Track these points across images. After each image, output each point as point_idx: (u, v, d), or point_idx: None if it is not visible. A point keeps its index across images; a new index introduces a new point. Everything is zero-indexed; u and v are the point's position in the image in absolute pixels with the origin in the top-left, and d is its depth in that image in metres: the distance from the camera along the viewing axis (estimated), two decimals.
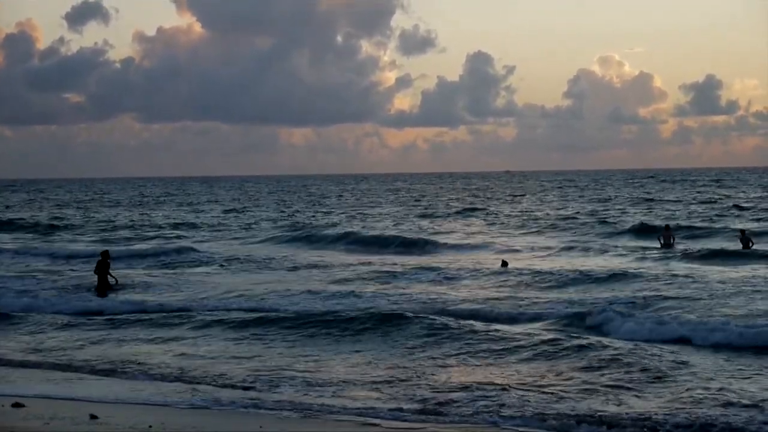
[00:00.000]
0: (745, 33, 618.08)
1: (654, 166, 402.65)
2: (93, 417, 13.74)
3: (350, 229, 55.86)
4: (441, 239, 49.08)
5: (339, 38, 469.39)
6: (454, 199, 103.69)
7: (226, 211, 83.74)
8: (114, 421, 13.61)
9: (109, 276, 29.63)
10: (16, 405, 14.44)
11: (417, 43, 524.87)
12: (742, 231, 42.07)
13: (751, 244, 39.40)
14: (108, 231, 60.49)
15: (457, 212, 75.57)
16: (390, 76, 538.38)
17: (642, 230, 50.50)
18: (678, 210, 70.18)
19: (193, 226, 64.13)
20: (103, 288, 29.29)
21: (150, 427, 13.22)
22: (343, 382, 16.46)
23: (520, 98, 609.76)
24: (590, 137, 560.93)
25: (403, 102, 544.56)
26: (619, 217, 63.68)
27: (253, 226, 63.73)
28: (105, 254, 30.33)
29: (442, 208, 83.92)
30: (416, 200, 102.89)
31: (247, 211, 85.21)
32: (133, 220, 71.71)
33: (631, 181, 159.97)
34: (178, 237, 54.30)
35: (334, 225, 61.75)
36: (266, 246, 48.71)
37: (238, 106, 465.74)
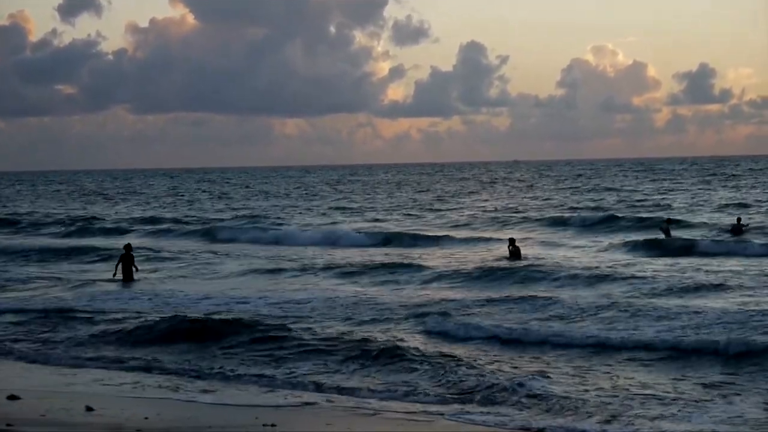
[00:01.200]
0: (738, 22, 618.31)
1: (648, 155, 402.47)
2: (89, 409, 13.75)
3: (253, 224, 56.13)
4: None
5: (332, 29, 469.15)
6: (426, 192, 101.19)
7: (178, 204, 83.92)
8: (110, 413, 13.62)
9: (133, 268, 30.62)
10: (12, 397, 14.44)
11: (410, 34, 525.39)
12: (739, 219, 42.16)
13: (744, 229, 39.70)
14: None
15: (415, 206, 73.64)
16: (383, 67, 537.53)
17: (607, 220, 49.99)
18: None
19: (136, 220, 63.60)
20: (128, 278, 30.32)
21: (146, 418, 13.24)
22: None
23: (513, 88, 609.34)
24: (584, 126, 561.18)
25: (397, 92, 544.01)
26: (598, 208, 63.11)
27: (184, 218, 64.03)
28: (128, 247, 31.32)
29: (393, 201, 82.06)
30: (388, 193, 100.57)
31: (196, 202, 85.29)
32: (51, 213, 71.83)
33: (631, 171, 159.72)
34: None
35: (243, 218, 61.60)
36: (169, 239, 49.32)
37: (231, 97, 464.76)
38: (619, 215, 52.12)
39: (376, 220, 58.62)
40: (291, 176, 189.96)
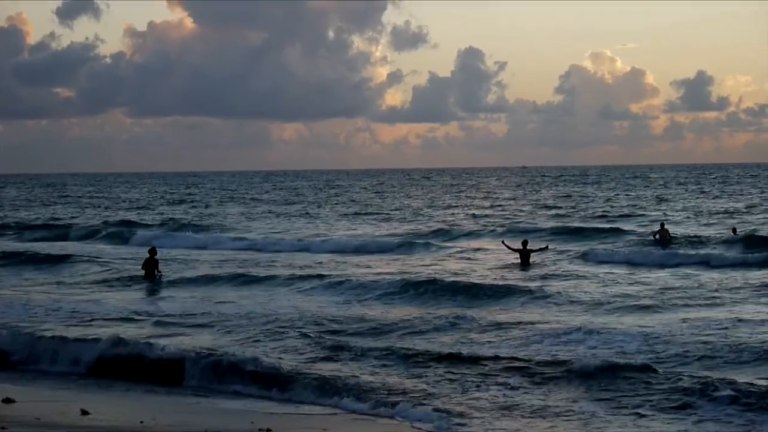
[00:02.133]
0: (736, 30, 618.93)
1: (646, 162, 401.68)
2: (84, 413, 13.71)
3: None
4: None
5: (330, 34, 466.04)
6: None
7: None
8: (105, 417, 13.59)
9: (156, 271, 30.67)
10: (7, 401, 14.40)
11: (408, 39, 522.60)
12: (734, 229, 42.21)
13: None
14: None
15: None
16: (381, 72, 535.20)
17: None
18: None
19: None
20: (149, 276, 30.49)
21: (141, 422, 13.19)
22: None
23: (511, 94, 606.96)
24: (582, 133, 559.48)
25: (395, 98, 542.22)
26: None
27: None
28: (152, 251, 31.46)
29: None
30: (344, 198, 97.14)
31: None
32: None
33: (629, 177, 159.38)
34: None
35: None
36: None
37: (229, 101, 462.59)
38: (576, 225, 51.19)
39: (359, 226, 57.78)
40: (276, 181, 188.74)
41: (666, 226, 41.22)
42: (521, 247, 33.30)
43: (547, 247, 35.19)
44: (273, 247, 44.60)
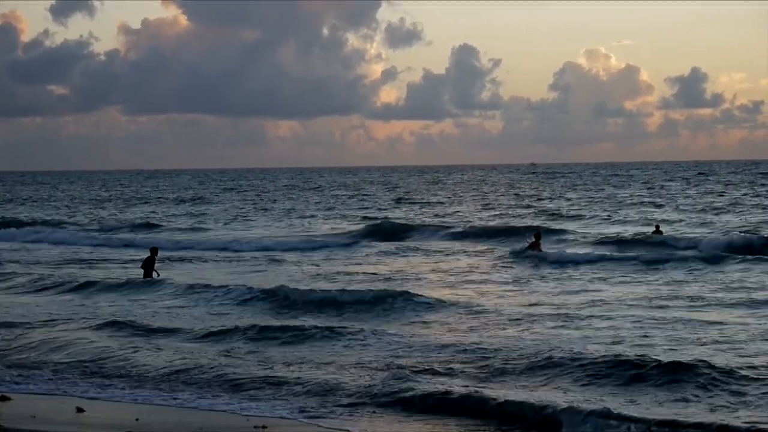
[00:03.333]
0: (730, 27, 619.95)
1: (640, 159, 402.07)
2: (79, 410, 13.75)
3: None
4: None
5: (325, 31, 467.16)
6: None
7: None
8: (100, 415, 13.62)
9: (154, 272, 30.47)
10: (2, 398, 14.44)
11: (403, 36, 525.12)
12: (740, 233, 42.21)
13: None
14: None
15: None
16: (376, 69, 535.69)
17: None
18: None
19: None
20: (147, 276, 30.38)
21: (137, 420, 13.22)
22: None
23: (505, 91, 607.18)
24: (576, 130, 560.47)
25: (390, 95, 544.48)
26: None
27: None
28: (154, 251, 31.38)
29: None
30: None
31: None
32: None
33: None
34: None
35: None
36: None
37: (224, 99, 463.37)
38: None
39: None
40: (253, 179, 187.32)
41: (660, 228, 41.87)
42: (533, 239, 33.78)
43: None
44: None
